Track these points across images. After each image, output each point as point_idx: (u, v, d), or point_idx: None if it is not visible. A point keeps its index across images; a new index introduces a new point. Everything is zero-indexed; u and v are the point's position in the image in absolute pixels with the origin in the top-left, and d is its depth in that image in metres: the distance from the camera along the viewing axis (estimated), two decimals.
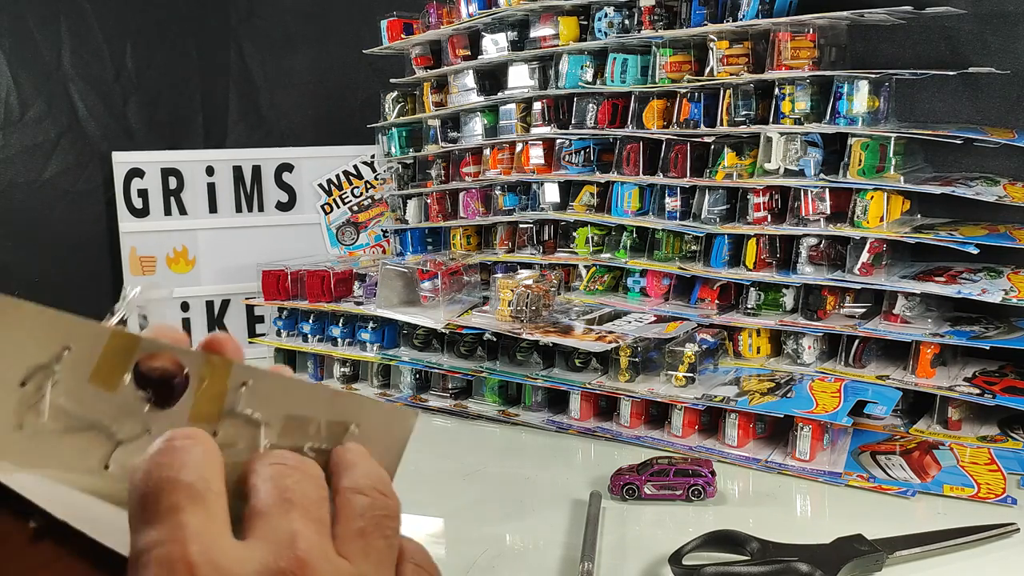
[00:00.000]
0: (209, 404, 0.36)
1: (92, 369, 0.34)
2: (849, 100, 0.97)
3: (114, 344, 0.34)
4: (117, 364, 0.35)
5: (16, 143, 1.39)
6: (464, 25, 1.25)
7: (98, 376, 0.34)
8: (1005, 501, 0.79)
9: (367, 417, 0.38)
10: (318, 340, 1.26)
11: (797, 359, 1.01)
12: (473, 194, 1.29)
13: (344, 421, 0.37)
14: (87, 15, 1.44)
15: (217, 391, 0.36)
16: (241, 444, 0.36)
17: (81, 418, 0.35)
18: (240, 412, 0.36)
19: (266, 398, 0.36)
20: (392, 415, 0.39)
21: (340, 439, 0.37)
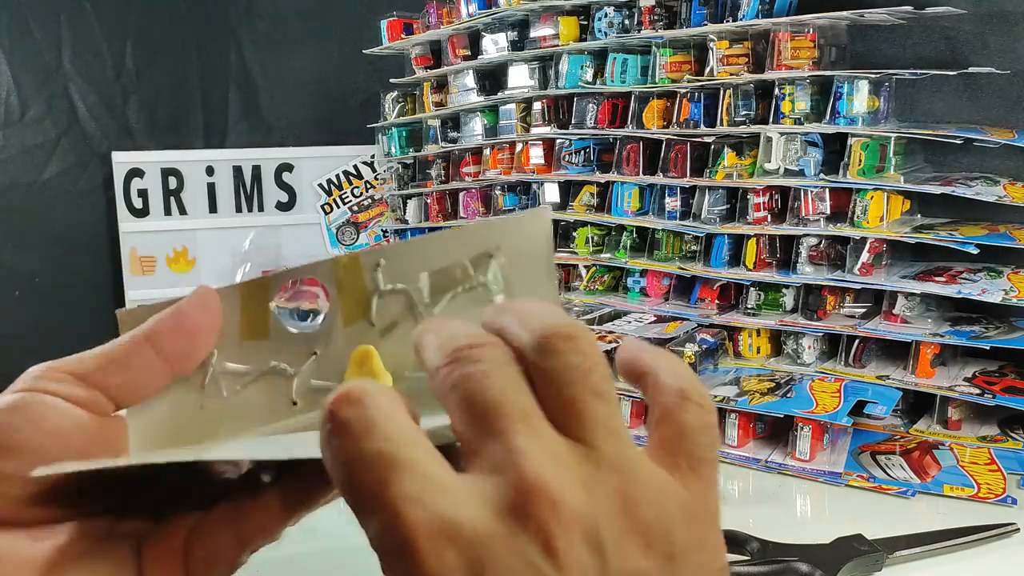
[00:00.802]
0: (355, 301, 0.36)
1: (239, 328, 0.35)
2: (849, 100, 0.97)
3: (247, 296, 0.36)
4: (258, 312, 0.36)
5: (16, 143, 1.39)
6: (464, 25, 1.25)
7: (247, 330, 0.36)
8: (1005, 501, 0.79)
9: (501, 236, 0.36)
10: None
11: (797, 359, 1.01)
12: (473, 194, 1.29)
13: (483, 252, 0.36)
14: (87, 15, 1.44)
15: (356, 286, 0.36)
16: (401, 320, 0.36)
17: (250, 372, 0.36)
18: (386, 291, 0.36)
19: (403, 267, 0.36)
20: (523, 221, 0.37)
21: (487, 268, 0.36)
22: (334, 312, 0.36)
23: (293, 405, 0.36)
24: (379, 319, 0.36)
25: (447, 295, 0.36)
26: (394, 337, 0.36)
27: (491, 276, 0.37)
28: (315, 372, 0.36)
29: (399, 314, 0.36)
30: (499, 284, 0.37)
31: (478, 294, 0.36)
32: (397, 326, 0.36)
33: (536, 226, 0.37)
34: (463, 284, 0.36)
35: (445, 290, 0.37)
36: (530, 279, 0.37)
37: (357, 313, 0.36)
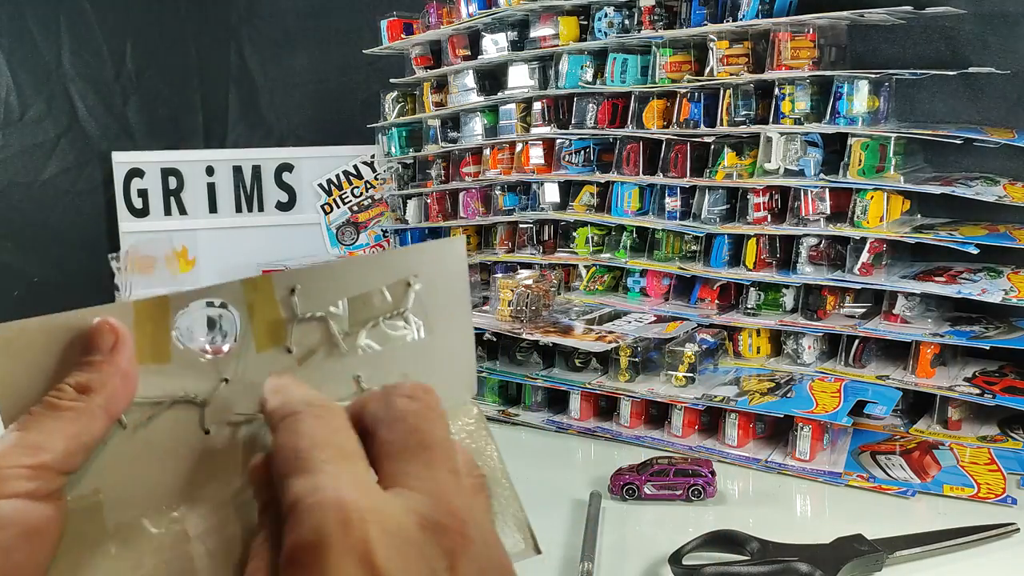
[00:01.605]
0: (268, 326, 0.34)
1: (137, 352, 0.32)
2: (849, 100, 0.97)
3: (143, 316, 0.33)
4: (156, 334, 0.33)
5: (16, 143, 1.39)
6: (464, 25, 1.25)
7: (143, 354, 0.33)
8: (1005, 501, 0.79)
9: (419, 263, 0.36)
10: None
11: (797, 359, 1.01)
12: (473, 194, 1.29)
13: (402, 278, 0.36)
14: (87, 15, 1.44)
15: (270, 310, 0.34)
16: (320, 347, 0.35)
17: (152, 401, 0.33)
18: (303, 318, 0.35)
19: (319, 292, 0.35)
20: (439, 249, 0.37)
21: (405, 296, 0.36)
22: (246, 337, 0.34)
23: (206, 434, 0.34)
24: (297, 346, 0.35)
25: (367, 323, 0.36)
26: (311, 365, 0.35)
27: (410, 304, 0.36)
28: (227, 400, 0.34)
29: (318, 342, 0.35)
30: (419, 313, 0.36)
31: (398, 323, 0.36)
32: (315, 354, 0.35)
33: (452, 253, 0.37)
34: (383, 312, 0.36)
35: (365, 318, 0.36)
36: (447, 307, 0.37)
37: (272, 339, 0.35)
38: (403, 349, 0.37)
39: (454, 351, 0.38)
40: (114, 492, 0.33)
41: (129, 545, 0.33)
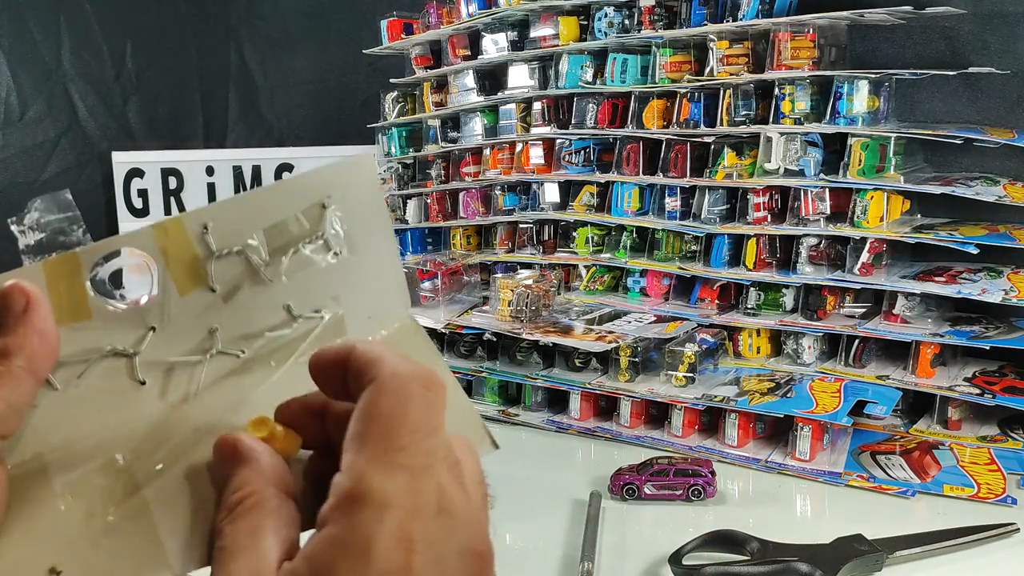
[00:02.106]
0: (187, 269, 0.34)
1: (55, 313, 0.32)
2: (849, 100, 0.97)
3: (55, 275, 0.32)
4: (72, 291, 0.32)
5: (16, 143, 1.39)
6: (464, 25, 1.25)
7: (62, 314, 0.32)
8: (1005, 501, 0.79)
9: (330, 185, 0.36)
10: None
11: (797, 359, 1.01)
12: (473, 194, 1.29)
13: (315, 201, 0.36)
14: (87, 15, 1.44)
15: (186, 252, 0.34)
16: (244, 282, 0.35)
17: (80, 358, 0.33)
18: (221, 254, 0.34)
19: (233, 227, 0.35)
20: (349, 167, 0.37)
21: (321, 219, 0.36)
22: (166, 282, 0.34)
23: (142, 384, 0.34)
24: (219, 284, 0.34)
25: (287, 251, 0.35)
26: (238, 300, 0.35)
27: (328, 227, 0.36)
28: (158, 347, 0.33)
29: (240, 276, 0.35)
30: (339, 234, 0.36)
31: (319, 247, 0.36)
32: (240, 289, 0.35)
33: (362, 171, 0.37)
34: (302, 238, 0.36)
35: (284, 246, 0.35)
36: (366, 224, 0.37)
37: (193, 281, 0.34)
38: (328, 271, 0.36)
39: (380, 267, 0.38)
40: (56, 453, 0.32)
41: (79, 500, 0.32)
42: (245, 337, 0.35)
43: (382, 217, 0.38)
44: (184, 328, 0.34)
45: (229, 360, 0.35)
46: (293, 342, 0.36)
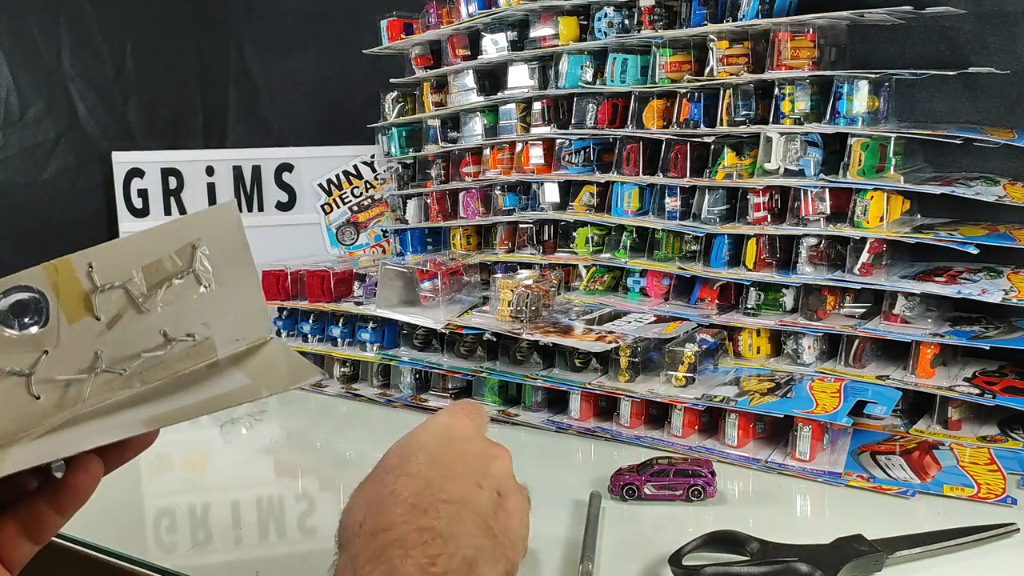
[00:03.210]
0: (75, 301, 0.40)
1: None
2: (849, 100, 0.97)
3: None
4: None
5: (16, 143, 1.39)
6: (464, 25, 1.25)
7: None
8: (1005, 501, 0.79)
9: (198, 229, 0.43)
10: (318, 340, 1.26)
11: (797, 359, 1.01)
12: (473, 194, 1.29)
13: (187, 243, 0.42)
14: (87, 15, 1.44)
15: (74, 288, 0.40)
16: (124, 311, 0.41)
17: None
18: (104, 288, 0.41)
19: (114, 266, 0.41)
20: (214, 214, 0.44)
21: (192, 257, 0.42)
22: (56, 313, 0.40)
23: (36, 399, 0.39)
24: (103, 313, 0.41)
25: (163, 285, 0.42)
26: (120, 327, 0.41)
27: (198, 264, 0.42)
28: (51, 367, 0.39)
29: (122, 307, 0.41)
30: (207, 270, 0.43)
31: (191, 281, 0.42)
32: (122, 318, 0.41)
33: (226, 217, 0.43)
34: (176, 274, 0.42)
35: (160, 281, 0.42)
36: (231, 261, 0.43)
37: (81, 311, 0.40)
38: (199, 301, 0.43)
39: (244, 296, 0.45)
40: None
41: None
42: (126, 358, 0.41)
43: (245, 254, 0.44)
44: (73, 351, 0.40)
45: (113, 377, 0.41)
46: (168, 362, 0.42)
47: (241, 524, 0.82)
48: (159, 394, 0.41)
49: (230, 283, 0.44)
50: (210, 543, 0.78)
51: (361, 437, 1.08)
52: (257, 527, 0.82)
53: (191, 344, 0.43)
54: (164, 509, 0.85)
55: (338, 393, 1.19)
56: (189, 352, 0.43)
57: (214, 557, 0.76)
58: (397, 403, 1.14)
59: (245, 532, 0.81)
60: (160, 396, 0.41)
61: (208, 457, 1.00)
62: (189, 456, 1.00)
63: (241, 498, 0.89)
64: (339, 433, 1.09)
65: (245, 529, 0.81)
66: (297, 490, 0.93)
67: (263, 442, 1.05)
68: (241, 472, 0.97)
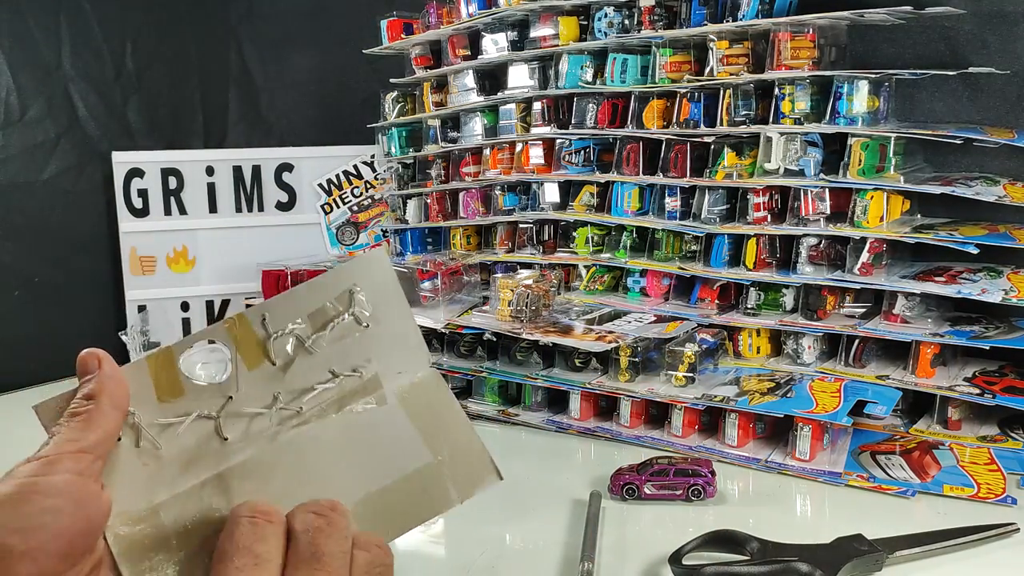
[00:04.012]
0: (252, 350, 0.45)
1: (155, 392, 0.43)
2: (849, 100, 0.97)
3: (155, 366, 0.43)
4: (169, 376, 0.43)
5: (16, 143, 1.39)
6: (464, 25, 1.25)
7: (163, 393, 0.43)
8: (1005, 501, 0.79)
9: (355, 276, 0.47)
10: None
11: (797, 359, 1.01)
12: (473, 194, 1.29)
13: (344, 289, 0.47)
14: (87, 15, 1.43)
15: (250, 338, 0.45)
16: (296, 355, 0.45)
17: (177, 423, 0.43)
18: (276, 335, 0.45)
19: (284, 314, 0.45)
20: (367, 261, 0.48)
21: (349, 305, 0.47)
22: (237, 362, 0.44)
23: (224, 440, 0.44)
24: (278, 358, 0.45)
25: (327, 327, 0.46)
26: (293, 370, 0.45)
27: (356, 307, 0.47)
28: (236, 414, 0.44)
29: (293, 351, 0.45)
30: (364, 312, 0.47)
31: (351, 322, 0.47)
32: (294, 361, 0.45)
33: (378, 262, 0.48)
34: (336, 316, 0.46)
35: (324, 324, 0.46)
36: (386, 303, 0.48)
37: (257, 359, 0.45)
38: (360, 339, 0.47)
39: (401, 331, 0.49)
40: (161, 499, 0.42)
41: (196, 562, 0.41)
42: (301, 395, 0.46)
43: (398, 295, 0.48)
44: (253, 395, 0.45)
45: (291, 415, 0.45)
46: (340, 395, 0.46)
47: None
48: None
49: (385, 321, 0.48)
50: None
51: None
52: None
53: (358, 379, 0.47)
54: None
55: None
56: (356, 389, 0.47)
57: None
58: None
59: None
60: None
61: None
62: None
63: None
64: None
65: None
66: None
67: None
68: None
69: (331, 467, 0.46)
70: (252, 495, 0.43)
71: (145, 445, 0.42)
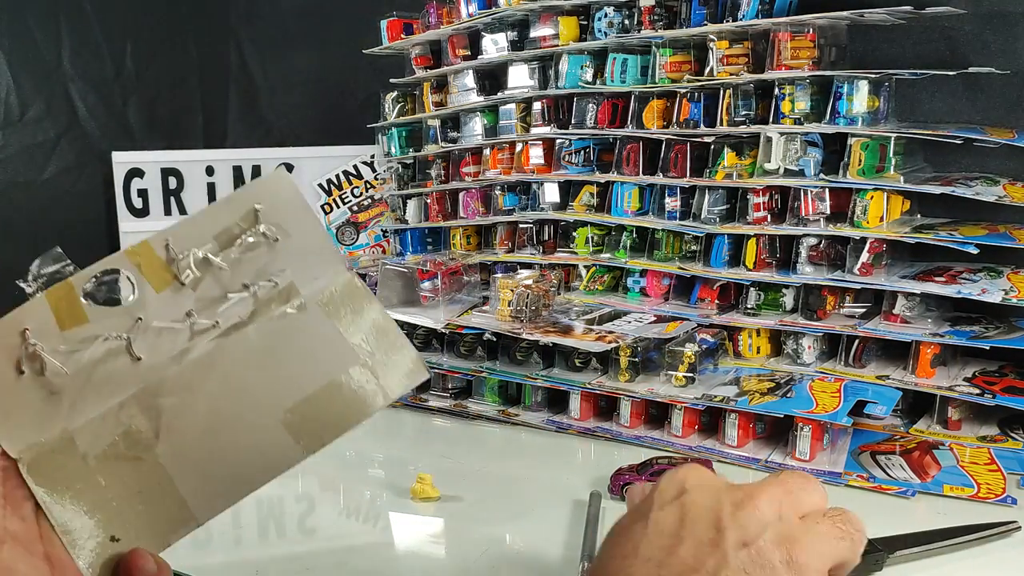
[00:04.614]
0: (157, 272, 0.45)
1: (55, 324, 0.43)
2: (849, 100, 0.97)
3: (55, 298, 0.43)
4: (70, 305, 0.43)
5: (16, 143, 1.39)
6: (464, 25, 1.25)
7: (64, 321, 0.43)
8: (1005, 501, 0.79)
9: (258, 196, 0.47)
10: None
11: (797, 359, 1.01)
12: (473, 194, 1.29)
13: (248, 210, 0.46)
14: (87, 15, 1.44)
15: (153, 261, 0.45)
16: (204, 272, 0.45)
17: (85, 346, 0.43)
18: (184, 260, 0.45)
19: (189, 239, 0.45)
20: (269, 182, 0.48)
21: (255, 222, 0.46)
22: (142, 285, 0.44)
23: (138, 360, 0.43)
24: (186, 278, 0.45)
25: (235, 245, 0.46)
26: (205, 287, 0.45)
27: (263, 224, 0.47)
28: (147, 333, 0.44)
29: (202, 270, 0.45)
30: (272, 226, 0.47)
31: (260, 239, 0.46)
32: (204, 279, 0.45)
33: (281, 180, 0.48)
34: (244, 234, 0.46)
35: (231, 242, 0.46)
36: (294, 217, 0.47)
37: (165, 280, 0.45)
38: (271, 253, 0.47)
39: (313, 242, 0.48)
40: (80, 429, 0.42)
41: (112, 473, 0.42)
42: (215, 310, 0.45)
43: (306, 209, 0.48)
44: (165, 314, 0.45)
45: (206, 328, 0.45)
46: (256, 305, 0.46)
47: (241, 524, 0.82)
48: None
49: (296, 235, 0.47)
50: (210, 543, 0.78)
51: (361, 437, 1.08)
52: (257, 527, 0.82)
53: (272, 287, 0.47)
54: None
55: None
56: (272, 296, 0.47)
57: (214, 557, 0.76)
58: (397, 403, 1.14)
59: (245, 532, 0.81)
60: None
61: None
62: None
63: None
64: None
65: (245, 529, 0.81)
66: (297, 490, 0.93)
67: None
68: None
69: (258, 378, 0.46)
70: (181, 412, 0.43)
71: (51, 373, 0.42)
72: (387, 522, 0.83)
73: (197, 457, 0.44)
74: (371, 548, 0.77)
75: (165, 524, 0.43)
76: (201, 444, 0.44)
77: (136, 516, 0.42)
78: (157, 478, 0.43)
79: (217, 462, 0.44)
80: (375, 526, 0.82)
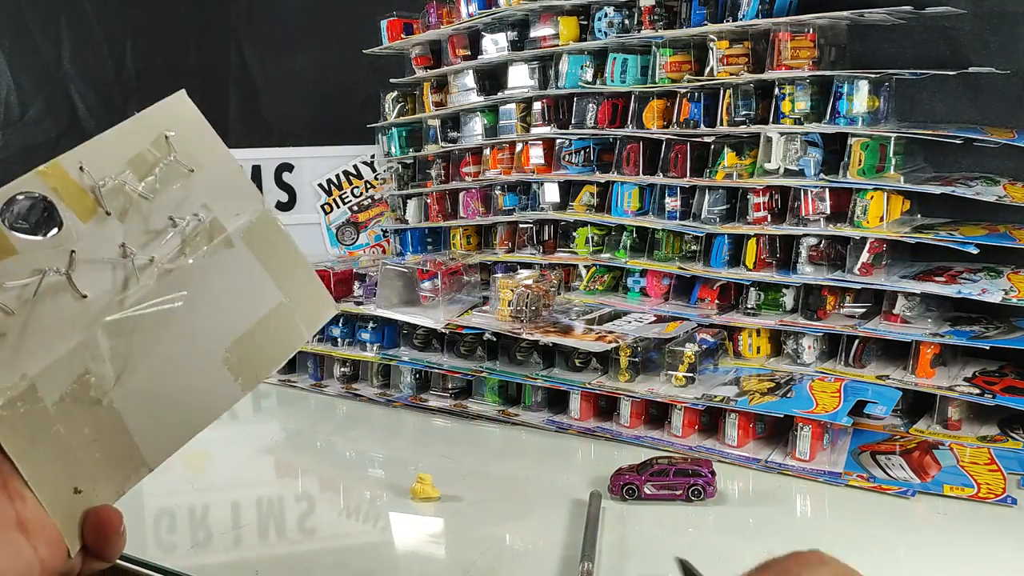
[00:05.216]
0: (78, 199, 0.43)
1: None
2: (849, 100, 0.97)
3: None
4: None
5: (16, 143, 1.39)
6: (464, 25, 1.25)
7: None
8: (1005, 501, 0.79)
9: (164, 122, 0.46)
10: (318, 340, 1.26)
11: (797, 359, 1.01)
12: (473, 194, 1.29)
13: (159, 136, 0.46)
14: (87, 15, 1.44)
15: (71, 186, 0.43)
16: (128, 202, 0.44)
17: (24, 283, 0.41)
18: (101, 186, 0.44)
19: (104, 162, 0.44)
20: (168, 106, 0.47)
21: (169, 150, 0.46)
22: (67, 213, 0.43)
23: (84, 298, 0.42)
24: (111, 208, 0.44)
25: (152, 174, 0.45)
26: (133, 219, 0.44)
27: (176, 153, 0.46)
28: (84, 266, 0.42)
29: (125, 199, 0.44)
30: (185, 155, 0.46)
31: (175, 166, 0.46)
32: (129, 210, 0.44)
33: (184, 106, 0.47)
34: (159, 162, 0.46)
35: (148, 171, 0.45)
36: (204, 144, 0.47)
37: (90, 208, 0.43)
38: (188, 185, 0.47)
39: (227, 174, 0.48)
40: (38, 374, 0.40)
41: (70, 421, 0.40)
42: (148, 242, 0.44)
43: (213, 137, 0.48)
44: (99, 247, 0.43)
45: (145, 264, 0.44)
46: (184, 240, 0.46)
47: (241, 524, 0.82)
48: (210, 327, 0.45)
49: (209, 165, 0.47)
50: (210, 543, 0.78)
51: (361, 437, 1.08)
52: (257, 527, 0.82)
53: (199, 223, 0.46)
54: (164, 509, 0.85)
55: (338, 393, 1.19)
56: (200, 232, 0.46)
57: (214, 557, 0.76)
58: (397, 403, 1.14)
59: (245, 532, 0.81)
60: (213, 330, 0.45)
61: (208, 457, 1.00)
62: (189, 456, 0.99)
63: (241, 498, 0.89)
64: (339, 433, 1.09)
65: (245, 529, 0.81)
66: (297, 490, 0.93)
67: (263, 442, 1.05)
68: (241, 472, 0.97)
69: (199, 318, 0.45)
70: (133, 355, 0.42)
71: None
72: (387, 522, 0.83)
73: (148, 401, 0.43)
74: (371, 548, 0.77)
75: (120, 472, 0.42)
76: (150, 387, 0.43)
77: (94, 465, 0.41)
78: (111, 424, 0.42)
79: (166, 405, 0.43)
80: (375, 526, 0.82)
